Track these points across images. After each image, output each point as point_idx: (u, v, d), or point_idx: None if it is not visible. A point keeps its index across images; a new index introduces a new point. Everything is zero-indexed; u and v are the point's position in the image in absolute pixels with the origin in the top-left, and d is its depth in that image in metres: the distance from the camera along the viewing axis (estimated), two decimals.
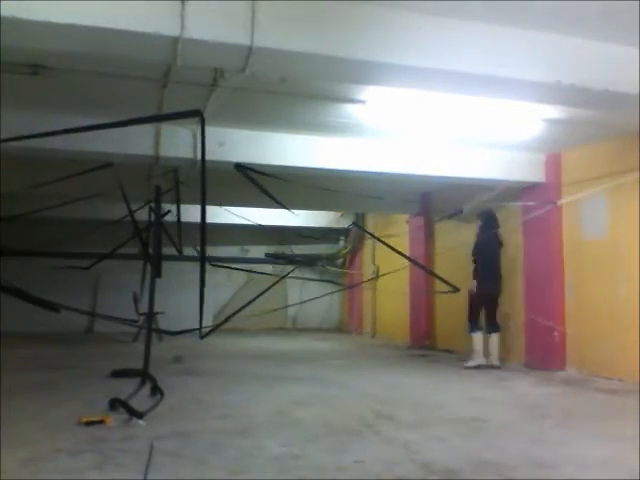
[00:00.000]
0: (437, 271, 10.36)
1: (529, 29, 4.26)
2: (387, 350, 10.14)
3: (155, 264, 6.45)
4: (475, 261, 7.99)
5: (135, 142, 6.50)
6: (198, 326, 4.06)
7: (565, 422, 4.53)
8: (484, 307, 7.84)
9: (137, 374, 5.75)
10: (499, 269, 7.90)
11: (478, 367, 7.47)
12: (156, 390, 5.19)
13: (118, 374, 6.35)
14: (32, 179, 7.62)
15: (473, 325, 7.84)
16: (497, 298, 7.84)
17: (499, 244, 7.97)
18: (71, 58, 4.54)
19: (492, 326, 7.73)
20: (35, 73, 4.90)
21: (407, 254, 11.06)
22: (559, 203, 6.71)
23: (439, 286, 9.62)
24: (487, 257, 7.90)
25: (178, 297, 12.00)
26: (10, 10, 3.29)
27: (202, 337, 5.12)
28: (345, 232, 14.07)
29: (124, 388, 5.21)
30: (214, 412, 4.72)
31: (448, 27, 4.14)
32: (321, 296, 8.41)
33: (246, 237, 14.53)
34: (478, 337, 7.72)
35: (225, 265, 8.85)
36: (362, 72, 4.27)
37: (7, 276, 10.07)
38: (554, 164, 7.74)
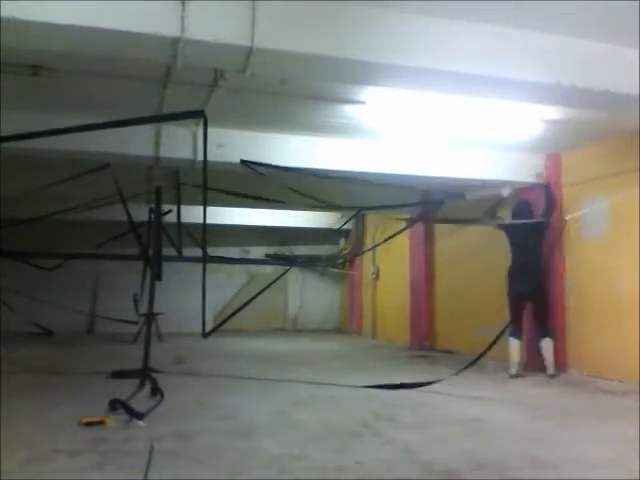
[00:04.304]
0: (437, 270, 10.42)
1: (529, 30, 4.27)
2: (387, 351, 10.14)
3: (155, 267, 6.46)
4: (512, 254, 7.28)
5: (135, 143, 6.50)
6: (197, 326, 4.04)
7: (565, 423, 4.53)
8: (529, 307, 7.14)
9: (137, 375, 5.75)
10: (539, 264, 7.09)
11: (516, 377, 6.78)
12: (156, 391, 5.19)
13: (118, 375, 6.35)
14: (32, 180, 7.66)
15: (511, 329, 6.88)
16: (542, 297, 7.08)
17: (541, 234, 7.19)
18: (71, 58, 4.54)
19: (541, 330, 7.04)
20: (35, 74, 4.91)
21: (407, 254, 11.16)
22: (567, 219, 6.50)
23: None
24: (525, 250, 7.11)
25: (178, 297, 12.03)
26: (10, 10, 3.30)
27: (205, 336, 5.14)
28: (345, 233, 14.09)
29: (124, 389, 5.21)
30: (214, 413, 4.71)
31: (448, 28, 4.14)
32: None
33: (246, 238, 14.55)
34: (513, 344, 6.91)
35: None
36: (362, 73, 4.28)
37: (9, 277, 10.09)
38: (554, 164, 7.74)
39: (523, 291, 7.03)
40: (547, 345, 6.92)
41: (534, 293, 7.03)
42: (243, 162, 6.66)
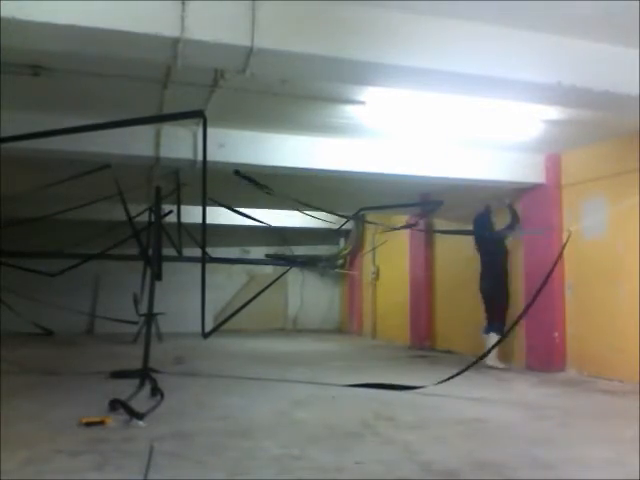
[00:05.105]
0: (438, 271, 10.42)
1: (529, 30, 4.27)
2: (387, 351, 10.14)
3: (155, 267, 6.46)
4: (481, 260, 8.20)
5: (135, 143, 6.50)
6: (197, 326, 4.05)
7: (565, 423, 4.53)
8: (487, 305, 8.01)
9: (137, 375, 5.75)
10: (501, 268, 8.02)
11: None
12: (156, 391, 5.19)
13: (118, 375, 6.35)
14: (32, 180, 7.66)
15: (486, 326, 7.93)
16: (498, 296, 7.93)
17: (502, 243, 8.08)
18: (71, 59, 4.54)
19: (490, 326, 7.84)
20: (35, 74, 4.91)
21: (407, 254, 11.15)
22: (571, 229, 6.60)
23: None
24: (490, 256, 8.08)
25: (178, 297, 12.02)
26: (10, 10, 3.29)
27: (205, 336, 5.15)
28: (345, 233, 14.07)
29: (124, 389, 5.21)
30: (214, 413, 4.71)
31: (448, 28, 4.14)
32: None
33: (247, 238, 14.55)
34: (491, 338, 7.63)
35: None
36: (362, 73, 4.27)
37: (9, 277, 10.08)
38: (554, 165, 7.74)
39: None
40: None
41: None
42: (236, 173, 6.70)
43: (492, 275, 8.02)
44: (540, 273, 7.62)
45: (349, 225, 12.84)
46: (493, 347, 6.87)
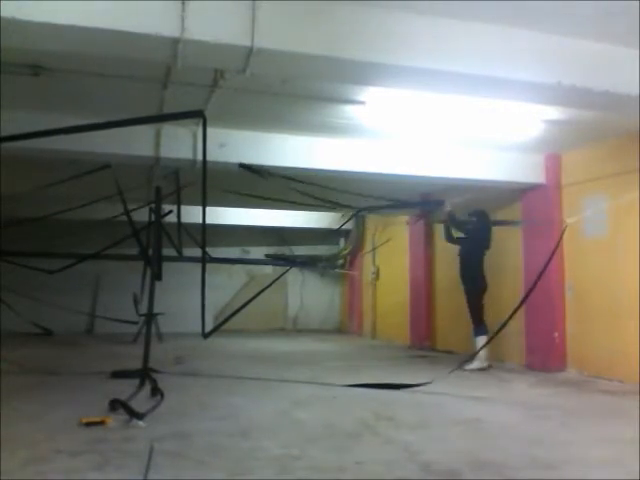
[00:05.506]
0: (438, 271, 10.41)
1: (529, 30, 4.27)
2: (387, 351, 10.14)
3: (155, 267, 6.45)
4: (461, 261, 8.00)
5: (135, 143, 6.51)
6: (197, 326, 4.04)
7: (565, 423, 4.53)
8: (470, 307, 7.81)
9: (137, 375, 5.75)
10: (482, 270, 7.78)
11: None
12: (156, 391, 5.19)
13: (118, 375, 6.35)
14: (32, 180, 7.66)
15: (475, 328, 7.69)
16: (479, 298, 7.74)
17: (487, 245, 7.84)
18: (71, 59, 4.55)
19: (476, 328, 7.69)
20: (35, 74, 4.91)
21: (407, 254, 11.16)
22: (568, 222, 6.63)
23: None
24: (473, 257, 7.85)
25: (178, 297, 12.01)
26: (10, 11, 3.29)
27: (205, 336, 5.15)
28: (345, 233, 14.07)
29: (124, 389, 5.21)
30: (214, 413, 4.72)
31: (448, 28, 4.14)
32: None
33: (247, 238, 14.55)
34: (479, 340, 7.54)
35: None
36: (362, 73, 4.27)
37: (8, 277, 10.05)
38: (554, 165, 7.74)
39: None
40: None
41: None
42: (242, 166, 6.70)
43: (470, 276, 7.85)
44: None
45: (349, 225, 12.83)
46: (480, 349, 7.05)
